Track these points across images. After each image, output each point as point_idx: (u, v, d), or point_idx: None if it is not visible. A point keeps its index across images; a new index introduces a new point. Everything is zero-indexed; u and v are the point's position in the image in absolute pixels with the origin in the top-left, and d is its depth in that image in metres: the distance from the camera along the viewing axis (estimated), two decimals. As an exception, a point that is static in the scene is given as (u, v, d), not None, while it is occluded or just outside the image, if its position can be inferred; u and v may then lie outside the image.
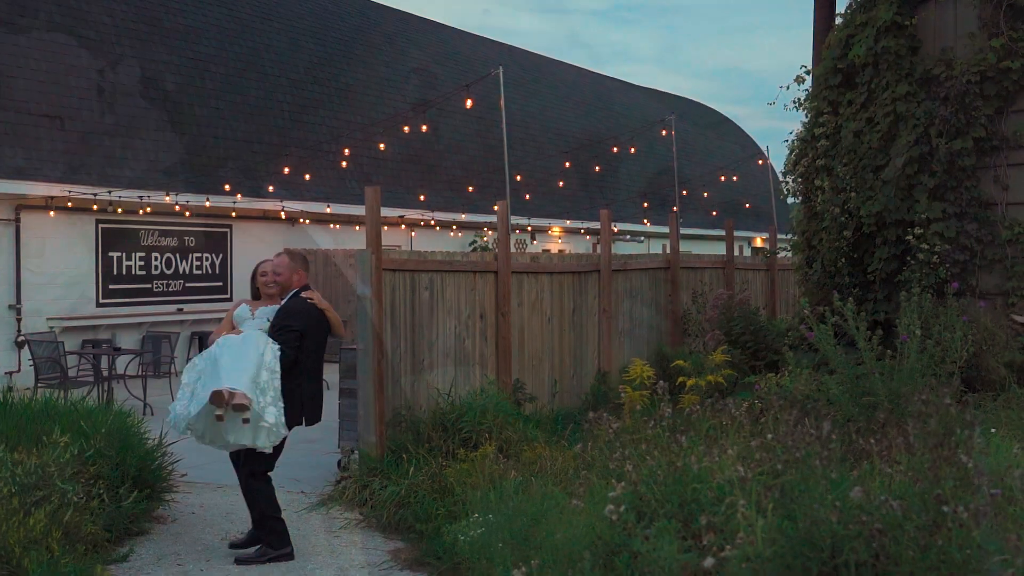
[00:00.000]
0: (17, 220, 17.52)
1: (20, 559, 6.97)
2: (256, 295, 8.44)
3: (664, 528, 5.31)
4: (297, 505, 9.53)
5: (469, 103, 15.39)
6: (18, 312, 17.50)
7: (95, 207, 18.19)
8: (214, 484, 10.46)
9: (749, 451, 5.43)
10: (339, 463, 10.54)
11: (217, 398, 7.43)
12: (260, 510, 7.94)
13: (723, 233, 18.52)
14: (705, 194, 32.52)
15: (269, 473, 8.09)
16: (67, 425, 8.95)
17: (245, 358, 7.69)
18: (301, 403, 7.98)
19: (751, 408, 7.40)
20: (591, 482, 6.57)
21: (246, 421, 7.55)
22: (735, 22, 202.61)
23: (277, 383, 7.77)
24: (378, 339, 10.07)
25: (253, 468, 7.97)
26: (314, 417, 8.16)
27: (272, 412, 7.69)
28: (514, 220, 25.76)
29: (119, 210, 18.72)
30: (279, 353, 7.84)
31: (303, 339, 7.95)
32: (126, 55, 19.99)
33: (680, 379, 10.92)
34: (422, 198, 25.17)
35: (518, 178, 25.29)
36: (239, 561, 7.86)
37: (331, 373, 11.06)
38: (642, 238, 31.98)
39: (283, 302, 8.21)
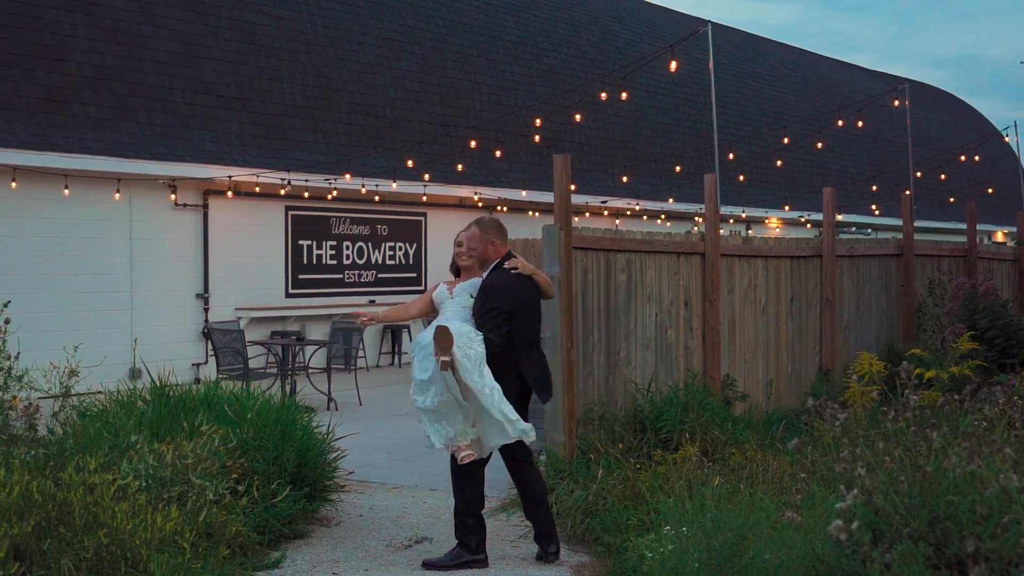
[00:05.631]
0: (205, 206, 17.22)
1: (147, 562, 6.18)
2: (457, 271, 7.66)
3: (909, 553, 4.19)
4: (477, 510, 8.64)
5: (674, 66, 14.15)
6: (206, 302, 17.21)
7: (283, 192, 17.76)
8: (388, 484, 9.74)
9: (1033, 452, 4.04)
10: (526, 464, 9.53)
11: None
12: (463, 500, 7.28)
13: (960, 226, 16.90)
14: (943, 176, 30.17)
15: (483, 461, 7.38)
16: (218, 414, 8.18)
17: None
18: (522, 383, 7.35)
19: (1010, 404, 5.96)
20: (810, 490, 5.32)
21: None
22: (968, 6, 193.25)
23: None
24: (567, 326, 9.13)
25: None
26: (546, 393, 7.58)
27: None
28: (728, 210, 24.40)
29: (305, 194, 18.25)
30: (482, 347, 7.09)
31: (513, 319, 7.24)
32: (316, 34, 19.56)
33: (918, 371, 9.41)
34: (625, 179, 24.12)
35: (731, 156, 23.92)
36: (426, 565, 7.22)
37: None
38: (869, 230, 29.99)
39: (484, 276, 7.42)
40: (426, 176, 19.59)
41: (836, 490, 5.39)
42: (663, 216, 25.39)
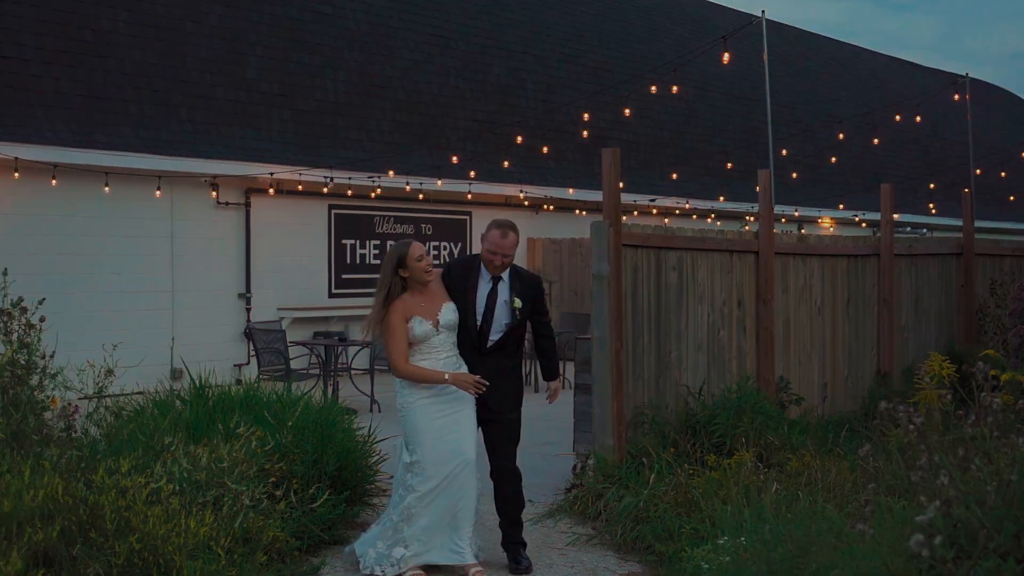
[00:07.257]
0: (247, 205, 17.02)
1: (180, 568, 5.94)
2: (398, 287, 7.03)
3: (995, 569, 3.82)
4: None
5: (726, 58, 13.82)
6: (247, 301, 17.02)
7: (325, 190, 17.51)
8: (428, 487, 9.34)
9: None
10: (574, 468, 9.33)
11: None
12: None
13: (1020, 226, 16.31)
14: (1003, 173, 29.42)
15: None
16: (256, 416, 7.94)
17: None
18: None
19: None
20: (877, 499, 4.97)
21: None
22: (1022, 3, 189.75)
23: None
24: (616, 326, 8.82)
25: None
26: None
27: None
28: (780, 208, 23.90)
29: (349, 192, 17.98)
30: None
31: None
32: (360, 30, 19.31)
33: (992, 372, 9.00)
34: (674, 177, 23.74)
35: (784, 152, 23.42)
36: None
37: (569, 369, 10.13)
38: (924, 230, 29.28)
39: (511, 281, 7.19)
40: (472, 174, 19.30)
41: (906, 499, 5.03)
42: (713, 215, 24.91)
